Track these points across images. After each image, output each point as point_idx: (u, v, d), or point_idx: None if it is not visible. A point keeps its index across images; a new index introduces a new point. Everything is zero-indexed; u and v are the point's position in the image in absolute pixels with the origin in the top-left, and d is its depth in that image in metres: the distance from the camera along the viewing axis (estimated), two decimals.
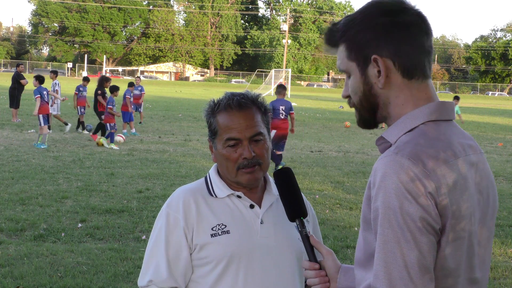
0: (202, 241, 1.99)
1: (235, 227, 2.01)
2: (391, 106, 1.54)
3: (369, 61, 1.53)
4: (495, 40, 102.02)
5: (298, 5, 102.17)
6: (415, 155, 1.42)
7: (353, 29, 1.55)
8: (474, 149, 1.56)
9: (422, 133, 1.48)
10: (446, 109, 1.54)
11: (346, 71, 1.59)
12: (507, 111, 46.28)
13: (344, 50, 1.57)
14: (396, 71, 1.52)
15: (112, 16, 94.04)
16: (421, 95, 1.53)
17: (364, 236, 1.51)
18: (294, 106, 18.11)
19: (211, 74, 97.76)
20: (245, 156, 2.00)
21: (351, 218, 8.34)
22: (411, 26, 1.51)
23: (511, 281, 6.06)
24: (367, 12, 1.55)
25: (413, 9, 1.54)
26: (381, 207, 1.40)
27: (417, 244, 1.37)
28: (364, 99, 1.57)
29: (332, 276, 1.70)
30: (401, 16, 1.51)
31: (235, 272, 1.99)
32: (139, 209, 8.31)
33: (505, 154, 17.07)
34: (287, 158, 14.16)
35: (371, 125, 1.62)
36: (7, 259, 6.01)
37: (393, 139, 1.52)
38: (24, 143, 14.77)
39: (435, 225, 1.40)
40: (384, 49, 1.51)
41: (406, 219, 1.38)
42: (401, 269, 1.37)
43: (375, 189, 1.43)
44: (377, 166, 1.46)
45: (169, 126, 21.36)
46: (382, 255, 1.39)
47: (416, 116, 1.51)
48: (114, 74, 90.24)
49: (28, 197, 8.70)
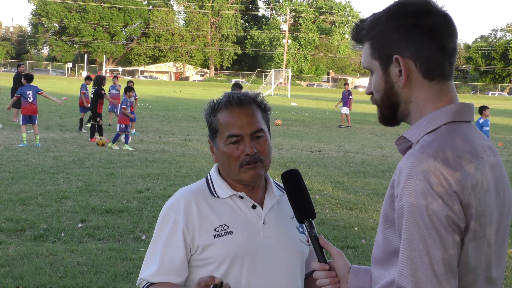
0: (204, 242, 1.99)
1: (238, 228, 2.02)
2: (412, 105, 1.57)
3: (391, 60, 1.56)
4: (495, 40, 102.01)
5: (298, 5, 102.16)
6: (441, 155, 1.44)
7: (377, 28, 1.57)
8: (493, 150, 1.60)
9: (446, 133, 1.51)
10: (467, 110, 1.57)
11: (369, 68, 1.62)
12: (507, 111, 46.28)
13: (369, 48, 1.60)
14: (417, 72, 1.54)
15: (112, 16, 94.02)
16: (442, 96, 1.56)
17: (385, 234, 1.53)
18: (294, 106, 18.12)
19: (211, 74, 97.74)
20: (248, 153, 2.00)
21: (351, 218, 8.34)
22: (434, 28, 1.53)
23: (511, 281, 6.06)
24: (391, 12, 1.57)
25: (439, 10, 1.55)
26: (407, 205, 1.42)
27: (442, 243, 1.40)
28: (386, 97, 1.60)
29: (342, 276, 1.71)
30: (425, 18, 1.53)
31: (238, 272, 1.99)
32: (139, 209, 8.31)
33: (505, 154, 17.07)
34: (287, 158, 14.17)
35: (392, 122, 1.65)
36: (7, 259, 6.01)
37: (415, 139, 1.54)
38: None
39: (460, 223, 1.42)
40: (406, 50, 1.54)
41: (432, 218, 1.40)
42: (427, 267, 1.39)
43: (400, 188, 1.45)
44: (402, 165, 1.48)
45: (169, 126, 21.36)
46: (408, 253, 1.41)
47: (439, 117, 1.54)
48: (114, 74, 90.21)
49: (28, 197, 8.70)
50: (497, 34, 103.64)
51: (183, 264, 2.01)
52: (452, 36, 1.56)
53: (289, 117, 28.56)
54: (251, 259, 2.00)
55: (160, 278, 2.01)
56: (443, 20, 1.55)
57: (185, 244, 2.00)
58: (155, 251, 2.04)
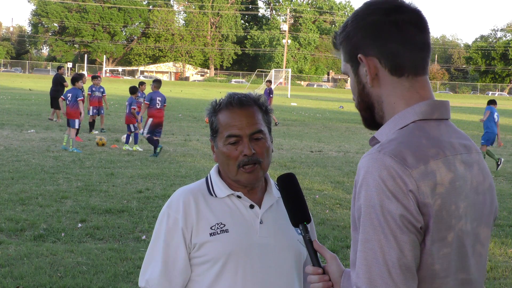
0: (201, 240, 2.01)
1: (234, 226, 2.03)
2: (384, 105, 1.54)
3: (358, 60, 1.54)
4: (495, 40, 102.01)
5: (298, 5, 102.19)
6: (397, 153, 1.41)
7: (345, 31, 1.57)
8: (469, 148, 1.55)
9: (409, 132, 1.47)
10: (438, 108, 1.52)
11: (345, 73, 1.61)
12: (507, 111, 46.28)
13: (342, 53, 1.60)
14: (384, 69, 1.51)
15: (112, 16, 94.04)
16: (413, 93, 1.52)
17: (353, 236, 1.51)
18: (294, 106, 18.16)
19: (211, 74, 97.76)
20: (245, 153, 2.01)
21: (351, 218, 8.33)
22: (400, 23, 1.50)
23: (511, 281, 6.06)
24: (357, 13, 1.56)
25: (408, 6, 1.53)
26: (363, 205, 1.40)
27: (397, 243, 1.36)
28: (360, 99, 1.58)
29: (335, 280, 1.69)
30: (390, 14, 1.51)
31: (234, 270, 2.00)
32: (139, 209, 8.31)
33: (505, 154, 17.07)
34: (287, 158, 14.17)
35: (373, 125, 1.61)
36: (7, 259, 6.01)
37: (383, 138, 1.51)
38: (24, 143, 14.76)
39: (416, 223, 1.38)
40: (370, 48, 1.51)
41: (386, 217, 1.36)
42: (382, 268, 1.36)
43: (358, 187, 1.43)
44: (360, 164, 1.46)
45: (169, 126, 21.36)
46: (363, 254, 1.39)
47: (406, 115, 1.50)
48: (114, 74, 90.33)
49: (28, 197, 8.70)
50: (497, 34, 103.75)
51: (186, 264, 2.03)
52: (422, 30, 1.52)
53: (289, 117, 28.56)
54: (247, 257, 2.01)
55: (166, 282, 2.02)
56: (412, 15, 1.52)
57: (184, 243, 2.02)
58: (156, 250, 2.05)
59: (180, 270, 2.02)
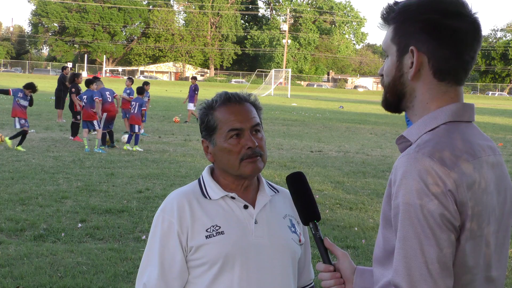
0: (197, 243, 2.01)
1: (229, 228, 2.03)
2: (417, 100, 1.58)
3: (407, 50, 1.55)
4: (495, 40, 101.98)
5: (298, 5, 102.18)
6: (436, 154, 1.45)
7: (405, 14, 1.57)
8: (493, 150, 1.60)
9: (443, 133, 1.51)
10: (467, 110, 1.57)
11: (386, 50, 1.63)
12: (507, 111, 46.28)
13: (392, 31, 1.60)
14: (429, 69, 1.54)
15: (112, 16, 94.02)
16: (447, 97, 1.56)
17: (384, 234, 1.53)
18: (294, 106, 18.18)
19: (211, 74, 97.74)
20: (250, 145, 2.02)
21: (351, 218, 8.34)
22: (459, 32, 1.52)
23: (511, 281, 6.06)
24: (422, 4, 1.56)
25: (470, 15, 1.54)
26: (402, 204, 1.43)
27: (437, 241, 1.40)
28: (393, 84, 1.60)
29: (347, 277, 1.71)
30: (453, 19, 1.52)
31: (231, 272, 2.00)
32: (139, 209, 8.31)
33: (505, 154, 17.07)
34: (287, 158, 14.17)
35: (393, 109, 1.65)
36: (7, 259, 6.01)
37: (414, 138, 1.55)
38: (24, 143, 14.75)
39: (455, 222, 1.43)
40: (424, 45, 1.53)
41: (426, 216, 1.41)
42: (421, 265, 1.40)
43: (395, 186, 1.46)
44: (398, 164, 1.48)
45: (169, 126, 21.37)
46: (402, 251, 1.42)
47: (438, 116, 1.54)
48: (114, 74, 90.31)
49: (28, 197, 8.70)
50: (497, 34, 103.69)
51: (183, 266, 2.03)
52: (474, 45, 1.54)
53: (289, 117, 28.56)
54: (243, 258, 2.01)
55: (163, 285, 2.02)
56: (470, 26, 1.53)
57: (181, 245, 2.02)
58: (152, 254, 2.05)
59: (177, 273, 2.02)
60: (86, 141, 14.17)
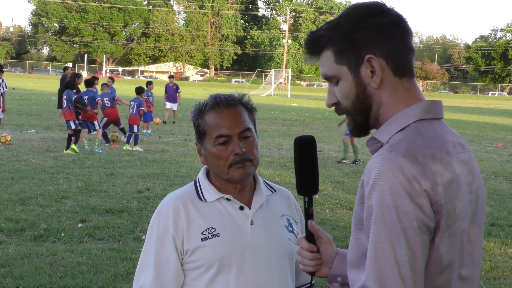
0: (193, 245, 2.00)
1: (225, 230, 2.02)
2: (383, 106, 1.54)
3: (362, 61, 1.52)
4: (495, 40, 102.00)
5: (298, 5, 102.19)
6: (410, 153, 1.42)
7: (341, 31, 1.54)
8: (463, 147, 1.57)
9: (415, 131, 1.48)
10: (436, 108, 1.55)
11: (334, 76, 1.57)
12: (507, 111, 46.28)
13: (331, 55, 1.56)
14: (389, 71, 1.53)
15: (112, 16, 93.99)
16: (412, 94, 1.54)
17: (356, 237, 1.51)
18: (294, 106, 18.20)
19: (211, 74, 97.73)
20: (237, 152, 2.00)
21: (351, 218, 8.31)
22: (399, 24, 1.54)
23: (511, 281, 6.06)
24: (353, 15, 1.55)
25: (393, 10, 1.56)
26: (376, 205, 1.40)
27: (409, 244, 1.37)
28: (358, 101, 1.56)
29: (327, 261, 1.70)
30: (387, 16, 1.53)
31: (227, 274, 2.00)
32: (139, 209, 8.31)
33: (505, 154, 17.07)
34: (287, 158, 14.17)
35: (365, 130, 1.60)
36: (7, 259, 6.01)
37: (385, 139, 1.51)
38: (24, 143, 14.77)
39: (430, 223, 1.40)
40: (378, 48, 1.51)
41: (401, 218, 1.37)
42: (392, 268, 1.37)
43: (368, 187, 1.43)
44: (371, 164, 1.45)
45: (169, 126, 21.37)
46: (374, 253, 1.39)
47: (408, 115, 1.51)
48: (114, 74, 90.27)
49: (28, 197, 8.70)
50: (497, 34, 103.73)
51: (178, 269, 2.02)
52: (411, 35, 1.57)
53: (289, 117, 28.56)
54: (240, 260, 2.00)
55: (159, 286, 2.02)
56: (399, 18, 1.55)
57: (176, 249, 2.02)
58: (148, 258, 2.06)
59: (172, 276, 2.02)
60: (86, 141, 14.19)
